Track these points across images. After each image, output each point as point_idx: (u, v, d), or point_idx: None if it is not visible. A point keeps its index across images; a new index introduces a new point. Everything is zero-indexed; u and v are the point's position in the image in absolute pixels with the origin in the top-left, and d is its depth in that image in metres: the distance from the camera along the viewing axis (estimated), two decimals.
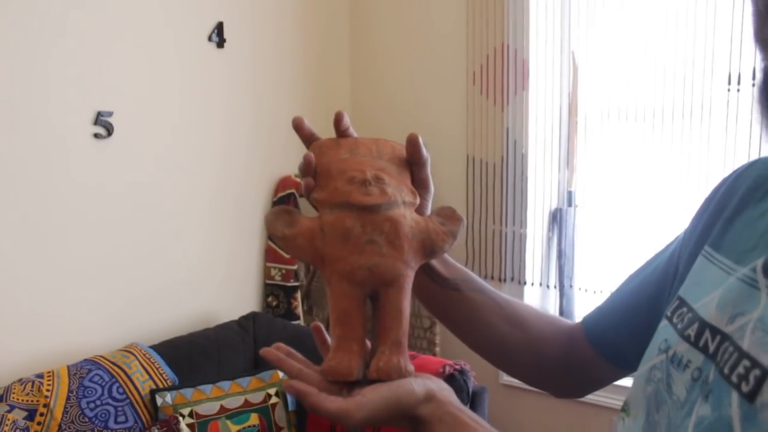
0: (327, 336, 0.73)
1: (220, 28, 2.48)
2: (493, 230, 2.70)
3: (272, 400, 2.15)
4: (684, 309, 0.60)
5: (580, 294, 2.64)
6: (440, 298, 0.79)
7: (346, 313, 0.65)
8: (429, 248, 0.68)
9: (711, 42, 2.26)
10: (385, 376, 0.64)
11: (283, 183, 2.70)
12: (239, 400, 2.11)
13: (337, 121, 0.71)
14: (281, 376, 2.21)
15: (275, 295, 2.69)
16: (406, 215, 0.67)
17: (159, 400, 2.02)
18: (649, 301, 0.73)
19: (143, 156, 2.29)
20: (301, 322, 2.68)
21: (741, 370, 0.48)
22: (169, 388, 2.06)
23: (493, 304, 0.80)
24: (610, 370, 0.81)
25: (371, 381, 0.64)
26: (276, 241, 0.66)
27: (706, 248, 0.63)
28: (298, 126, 0.72)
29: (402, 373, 0.64)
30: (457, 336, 0.83)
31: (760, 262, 0.53)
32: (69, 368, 1.98)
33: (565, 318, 0.91)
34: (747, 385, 0.46)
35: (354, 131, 0.73)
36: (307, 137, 0.72)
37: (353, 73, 3.06)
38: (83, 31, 2.09)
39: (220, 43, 2.49)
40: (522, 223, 2.64)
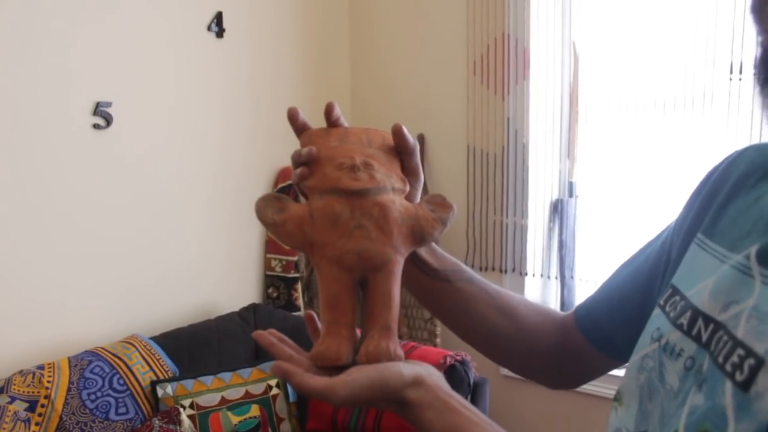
0: (319, 325, 0.72)
1: (219, 18, 2.47)
2: (493, 221, 2.70)
3: (273, 391, 2.15)
4: (677, 297, 0.60)
5: (581, 285, 2.64)
6: (430, 290, 0.78)
7: (335, 298, 0.65)
8: (419, 234, 0.68)
9: (713, 31, 2.24)
10: (374, 360, 0.64)
11: (284, 174, 2.69)
12: (240, 391, 2.11)
13: (328, 111, 0.71)
14: None
15: (276, 286, 2.68)
16: (395, 201, 0.67)
17: (160, 392, 2.02)
18: (640, 290, 0.73)
19: (142, 146, 2.28)
20: (301, 313, 2.68)
21: (735, 359, 0.47)
22: (170, 380, 2.06)
23: (483, 294, 0.79)
24: (602, 360, 0.81)
25: (361, 365, 0.64)
26: (266, 227, 0.67)
27: (699, 236, 0.62)
28: (293, 117, 0.72)
29: (391, 358, 0.64)
30: (449, 327, 0.82)
31: (753, 249, 0.53)
32: (70, 360, 1.97)
33: (567, 309, 0.91)
34: (741, 374, 0.46)
35: (345, 121, 0.73)
36: (300, 128, 0.72)
37: (353, 63, 3.04)
38: (82, 22, 2.08)
39: (220, 33, 2.48)
40: (523, 213, 2.63)
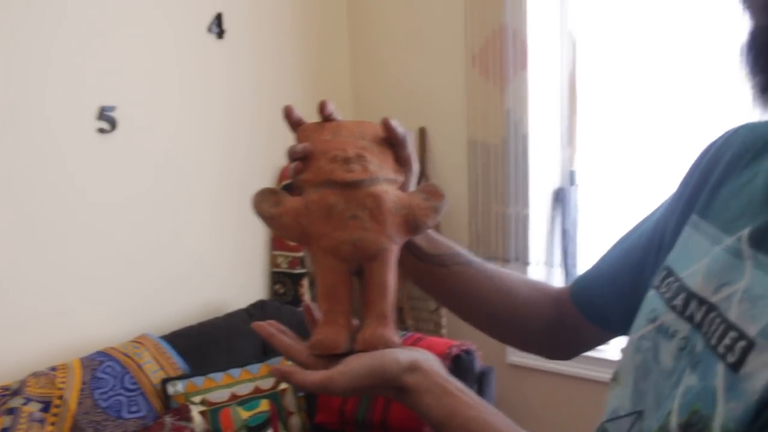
0: (317, 315, 0.74)
1: (219, 19, 2.49)
2: (496, 211, 2.72)
3: (282, 386, 2.18)
4: (671, 279, 0.61)
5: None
6: (428, 275, 0.80)
7: (332, 287, 0.67)
8: (412, 223, 0.70)
9: (712, 17, 2.24)
10: (371, 348, 0.65)
11: (287, 172, 2.72)
12: (249, 386, 2.15)
13: (322, 107, 0.73)
14: (290, 362, 2.24)
15: (282, 282, 2.72)
16: (389, 191, 0.69)
17: (170, 389, 2.06)
18: (633, 267, 0.75)
19: (147, 149, 2.31)
20: None
21: (728, 341, 0.48)
22: (180, 377, 2.10)
23: (481, 276, 0.81)
24: (597, 333, 0.83)
25: (358, 354, 0.65)
26: (263, 221, 0.68)
27: (693, 216, 0.63)
28: (289, 114, 0.73)
29: (388, 345, 0.66)
30: (449, 309, 0.85)
31: (746, 232, 0.53)
32: (82, 360, 2.01)
33: None
34: (733, 355, 0.47)
35: (339, 116, 0.74)
36: (296, 124, 0.74)
37: (353, 59, 3.06)
38: (84, 26, 2.10)
39: (220, 34, 2.50)
40: (525, 203, 2.65)
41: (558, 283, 2.73)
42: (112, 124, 2.20)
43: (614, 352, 2.53)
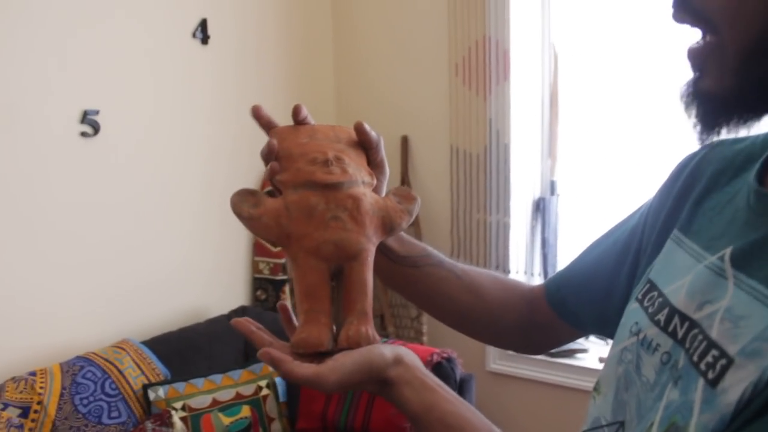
0: (293, 316, 0.75)
1: (204, 25, 2.50)
2: (477, 220, 2.74)
3: (263, 392, 2.18)
4: (654, 293, 0.62)
5: None
6: (400, 276, 0.82)
7: (313, 287, 0.67)
8: (388, 225, 0.72)
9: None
10: (355, 344, 0.66)
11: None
12: (231, 392, 2.15)
13: (296, 112, 0.74)
14: (271, 368, 2.24)
15: (264, 288, 2.72)
16: (366, 193, 0.70)
17: (152, 395, 2.05)
18: (608, 271, 0.77)
19: (130, 154, 2.30)
20: None
21: (710, 359, 0.50)
22: (162, 383, 2.09)
23: (451, 276, 0.84)
24: (569, 331, 0.86)
25: (340, 351, 0.66)
26: (242, 222, 0.69)
27: (676, 232, 0.65)
28: (256, 114, 0.75)
29: (370, 341, 0.67)
30: (422, 309, 0.87)
31: (728, 251, 0.55)
32: (62, 365, 2.00)
33: None
34: (713, 372, 0.49)
35: (312, 120, 0.76)
36: (266, 124, 0.75)
37: (337, 67, 3.08)
38: (69, 30, 2.10)
39: (204, 40, 2.51)
40: (506, 212, 2.68)
41: None
42: (95, 128, 2.19)
43: (594, 360, 2.57)
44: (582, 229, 2.66)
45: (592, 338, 2.60)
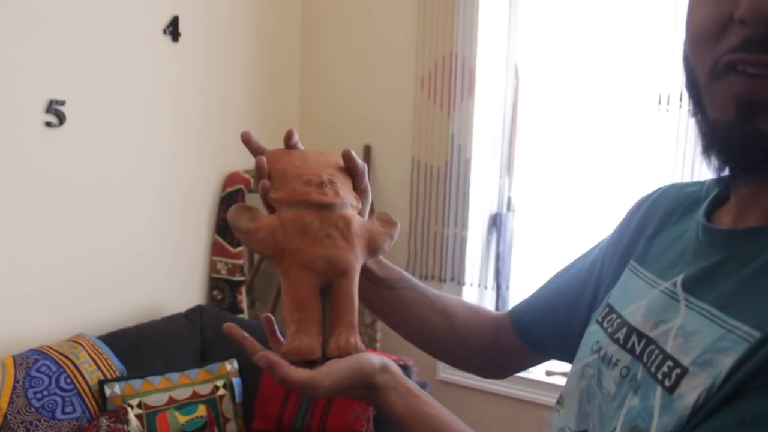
0: (276, 327, 0.80)
1: (175, 23, 2.49)
2: (435, 231, 2.80)
3: (220, 392, 2.18)
4: (613, 315, 0.71)
5: (516, 295, 2.77)
6: (377, 297, 0.88)
7: (305, 299, 0.71)
8: (373, 246, 0.77)
9: (644, 62, 2.42)
10: (345, 353, 0.71)
11: (231, 179, 2.72)
12: (187, 391, 2.14)
13: (288, 137, 0.80)
14: (229, 368, 2.24)
15: (220, 288, 2.71)
16: (355, 215, 0.76)
17: (108, 391, 2.03)
18: (570, 300, 0.86)
19: (95, 146, 2.28)
20: (245, 315, 2.72)
21: (666, 369, 0.57)
22: (118, 379, 2.07)
23: (425, 300, 0.90)
24: (532, 356, 0.94)
25: (328, 360, 0.71)
26: (238, 235, 0.73)
27: (632, 263, 0.74)
28: (247, 140, 0.79)
29: (358, 350, 0.72)
30: (394, 329, 0.93)
31: (680, 278, 0.63)
32: (14, 358, 1.96)
33: None
34: (670, 380, 0.56)
35: (302, 146, 0.81)
36: (255, 150, 0.79)
37: (303, 75, 3.10)
38: (37, 19, 2.07)
39: (175, 37, 2.50)
40: (463, 225, 2.74)
41: (489, 303, 2.84)
42: (61, 118, 2.16)
43: (540, 373, 2.66)
44: (536, 245, 2.76)
45: None
